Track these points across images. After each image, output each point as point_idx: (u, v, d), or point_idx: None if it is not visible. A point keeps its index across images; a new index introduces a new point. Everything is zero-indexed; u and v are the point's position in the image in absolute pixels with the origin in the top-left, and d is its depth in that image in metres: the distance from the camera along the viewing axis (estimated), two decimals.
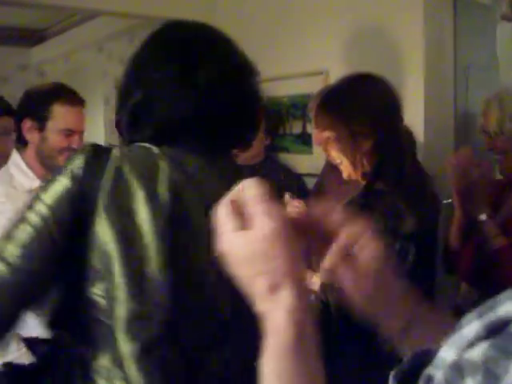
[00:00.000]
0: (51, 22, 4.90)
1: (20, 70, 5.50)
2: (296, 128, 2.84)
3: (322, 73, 2.61)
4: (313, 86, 2.59)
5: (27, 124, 2.00)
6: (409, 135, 1.76)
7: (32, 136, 2.02)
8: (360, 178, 1.73)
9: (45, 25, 5.10)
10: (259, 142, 2.77)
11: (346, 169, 1.73)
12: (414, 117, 2.28)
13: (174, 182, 0.99)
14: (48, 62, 5.24)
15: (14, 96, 2.06)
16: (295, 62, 2.83)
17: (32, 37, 5.48)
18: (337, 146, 1.71)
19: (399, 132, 1.70)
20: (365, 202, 1.61)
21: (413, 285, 1.64)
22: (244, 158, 2.75)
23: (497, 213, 1.96)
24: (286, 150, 2.93)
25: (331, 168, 2.14)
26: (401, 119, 1.73)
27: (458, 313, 1.90)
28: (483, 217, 1.89)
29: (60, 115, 2.02)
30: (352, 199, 1.67)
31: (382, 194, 1.63)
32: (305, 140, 2.82)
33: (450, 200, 2.22)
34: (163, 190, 0.97)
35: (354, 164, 1.70)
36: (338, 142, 1.70)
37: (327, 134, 1.72)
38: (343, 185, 1.88)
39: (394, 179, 1.64)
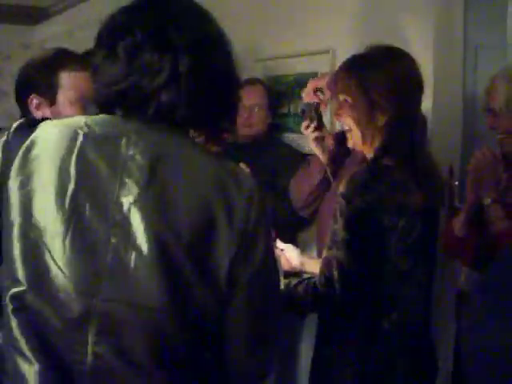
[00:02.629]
0: (54, 0, 4.86)
1: (23, 48, 5.47)
2: (300, 107, 2.81)
3: (328, 51, 2.58)
4: (319, 65, 2.57)
5: (34, 101, 1.79)
6: (423, 121, 1.74)
7: (44, 113, 1.79)
8: (367, 152, 1.72)
9: (48, 2, 5.06)
10: (262, 122, 2.76)
11: (355, 138, 1.73)
12: (422, 98, 2.25)
13: (86, 151, 1.03)
14: (51, 39, 5.20)
15: (15, 75, 1.96)
16: (301, 40, 2.82)
17: (35, 15, 5.44)
18: (351, 113, 1.71)
19: (416, 111, 1.71)
20: (370, 176, 1.60)
21: (417, 261, 1.65)
22: (246, 135, 2.75)
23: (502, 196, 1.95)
24: (290, 130, 2.91)
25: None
26: (420, 99, 1.72)
27: (463, 297, 1.90)
28: (488, 200, 1.88)
29: (70, 84, 1.80)
30: (356, 172, 1.66)
31: (390, 168, 1.62)
32: None
33: (456, 182, 2.21)
34: (72, 165, 1.03)
35: (363, 135, 1.70)
36: (353, 109, 1.70)
37: (344, 97, 1.71)
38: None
39: (403, 156, 1.62)
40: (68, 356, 1.04)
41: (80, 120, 1.09)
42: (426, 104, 2.30)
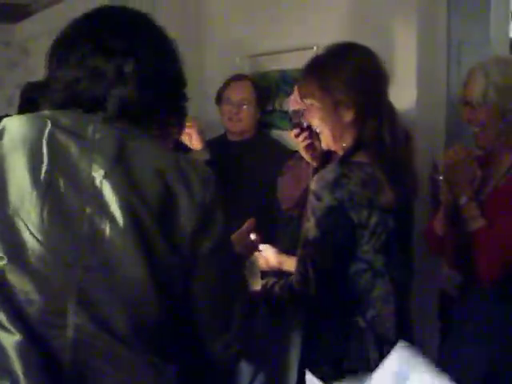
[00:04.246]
0: None
1: (3, 47, 5.43)
2: (286, 104, 2.83)
3: (313, 48, 2.59)
4: (304, 62, 2.57)
5: None
6: (391, 111, 1.74)
7: None
8: (340, 150, 1.74)
9: (29, 0, 5.01)
10: (250, 118, 2.78)
11: (326, 139, 1.77)
12: (406, 93, 2.29)
13: (55, 135, 1.12)
14: (32, 38, 5.17)
15: None
16: (285, 36, 2.84)
17: (16, 13, 5.40)
18: (319, 115, 1.75)
19: (382, 106, 1.72)
20: (340, 173, 1.62)
21: (390, 258, 1.67)
22: (235, 132, 2.76)
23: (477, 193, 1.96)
24: (276, 127, 2.93)
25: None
26: (384, 93, 1.74)
27: (444, 297, 1.93)
28: (464, 199, 1.89)
29: None
30: (326, 169, 1.69)
31: (361, 165, 1.64)
32: None
33: (441, 177, 2.23)
34: (44, 147, 1.12)
35: (334, 135, 1.73)
36: (320, 111, 1.74)
37: (310, 101, 1.74)
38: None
39: (374, 152, 1.64)
40: (49, 329, 1.10)
41: (46, 112, 1.19)
42: (410, 100, 2.34)
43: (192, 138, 2.57)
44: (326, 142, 1.77)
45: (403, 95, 2.21)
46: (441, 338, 2.19)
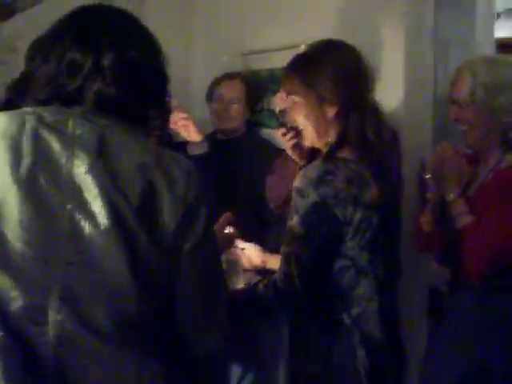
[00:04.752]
0: None
1: None
2: (274, 103, 2.83)
3: (301, 46, 2.59)
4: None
5: None
6: (376, 108, 1.75)
7: None
8: (324, 147, 1.74)
9: None
10: (240, 116, 2.77)
11: (309, 136, 1.77)
12: (393, 92, 2.30)
13: (36, 131, 1.12)
14: (20, 36, 5.14)
15: None
16: (274, 35, 2.85)
17: (2, 11, 5.36)
18: (302, 112, 1.75)
19: (365, 102, 1.72)
20: (324, 169, 1.62)
21: (374, 255, 1.67)
22: (224, 130, 2.76)
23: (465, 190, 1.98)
24: (265, 126, 2.94)
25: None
26: (368, 89, 1.75)
27: (433, 293, 1.94)
28: (451, 196, 1.91)
29: None
30: (310, 166, 1.70)
31: (347, 161, 1.64)
32: None
33: (428, 175, 2.25)
34: (24, 143, 1.11)
35: (318, 131, 1.74)
36: (303, 108, 1.75)
37: (293, 98, 1.75)
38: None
39: (357, 148, 1.64)
40: (30, 326, 1.10)
41: (26, 108, 1.19)
42: (397, 98, 2.35)
43: (189, 130, 2.55)
44: (310, 138, 1.78)
45: (390, 94, 2.22)
46: (429, 335, 2.21)
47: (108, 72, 1.16)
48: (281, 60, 2.78)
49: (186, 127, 2.54)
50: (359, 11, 2.49)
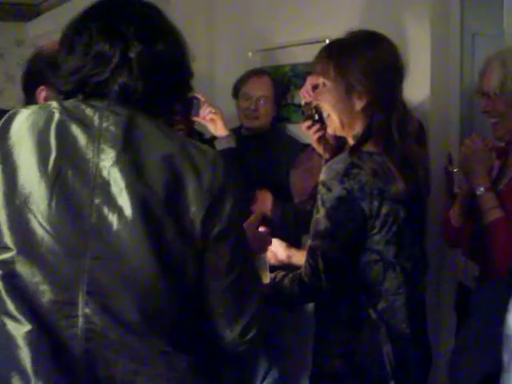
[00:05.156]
0: None
1: (16, 46, 5.46)
2: (298, 97, 2.83)
3: (324, 41, 2.58)
4: (315, 55, 2.56)
5: (43, 93, 1.80)
6: (403, 108, 1.72)
7: None
8: (350, 138, 1.72)
9: None
10: (268, 114, 2.77)
11: (333, 124, 1.75)
12: (420, 86, 2.28)
13: (63, 124, 1.13)
14: (44, 36, 5.20)
15: (9, 72, 1.93)
16: (297, 30, 2.85)
17: (28, 11, 5.44)
18: (329, 97, 1.72)
19: (393, 101, 1.69)
20: (351, 162, 1.61)
21: (401, 249, 1.65)
22: (252, 128, 2.76)
23: (495, 184, 1.95)
24: (288, 120, 2.93)
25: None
26: (399, 88, 1.72)
27: (461, 289, 1.90)
28: (481, 190, 1.88)
29: None
30: (336, 159, 1.68)
31: (371, 155, 1.64)
32: None
33: (456, 169, 2.22)
34: (52, 138, 1.12)
35: (342, 121, 1.72)
36: (331, 93, 1.71)
37: (323, 80, 1.73)
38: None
39: (384, 143, 1.63)
40: (60, 320, 1.10)
41: (52, 102, 1.19)
42: (424, 92, 2.33)
43: (217, 126, 2.56)
44: (333, 127, 1.75)
45: (417, 88, 2.20)
46: (457, 331, 2.18)
47: (135, 64, 1.15)
48: (304, 55, 2.79)
49: (213, 121, 2.54)
50: (384, 5, 2.48)
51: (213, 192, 1.14)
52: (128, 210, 1.08)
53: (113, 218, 1.09)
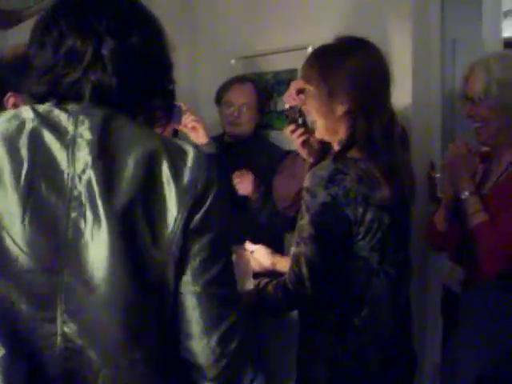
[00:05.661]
0: (27, 3, 4.81)
1: None
2: (281, 104, 2.83)
3: (307, 48, 2.59)
4: (297, 62, 2.57)
5: (11, 100, 1.75)
6: (389, 114, 1.72)
7: None
8: (334, 144, 1.73)
9: (20, 6, 5.01)
10: (251, 121, 2.76)
11: (319, 129, 1.76)
12: (402, 92, 2.29)
13: (35, 132, 1.07)
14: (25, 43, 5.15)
15: None
16: (279, 37, 2.85)
17: (8, 19, 5.38)
18: (313, 103, 1.73)
19: (378, 104, 1.68)
20: (335, 168, 1.61)
21: (385, 256, 1.65)
22: (234, 135, 2.75)
23: (480, 188, 1.96)
24: (271, 127, 2.92)
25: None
26: (383, 95, 1.71)
27: (447, 293, 1.91)
28: (466, 194, 1.89)
29: None
30: (320, 165, 1.67)
31: (356, 161, 1.63)
32: None
33: (438, 175, 2.24)
34: (24, 147, 1.06)
35: (327, 126, 1.72)
36: (314, 98, 1.72)
37: (308, 86, 1.74)
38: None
39: (368, 149, 1.63)
40: (37, 339, 1.06)
41: (24, 108, 1.13)
42: (406, 97, 2.34)
43: (199, 134, 2.55)
44: (320, 132, 1.75)
45: (399, 93, 2.20)
46: (443, 335, 2.19)
47: (108, 61, 1.08)
48: (287, 62, 2.79)
49: (195, 130, 2.54)
50: (366, 12, 2.48)
51: (196, 191, 1.08)
52: (105, 223, 1.03)
53: (90, 233, 1.04)
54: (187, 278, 1.10)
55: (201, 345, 1.11)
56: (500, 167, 1.98)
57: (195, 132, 2.54)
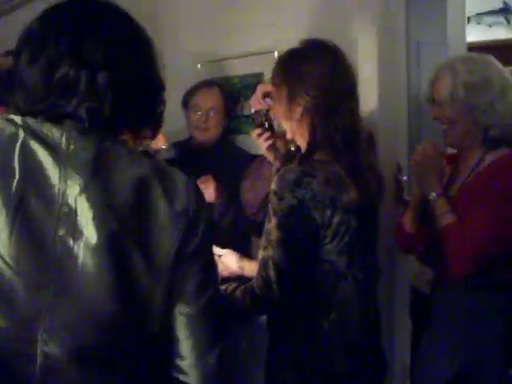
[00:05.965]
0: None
1: None
2: (248, 109, 2.81)
3: (272, 52, 2.58)
4: (264, 66, 2.56)
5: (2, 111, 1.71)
6: (352, 118, 1.71)
7: None
8: (302, 147, 1.74)
9: None
10: (218, 126, 2.75)
11: (288, 132, 1.76)
12: (368, 95, 2.29)
13: (28, 146, 1.04)
14: None
15: None
16: (245, 41, 2.84)
17: None
18: (276, 105, 1.75)
19: (337, 107, 1.66)
20: (301, 171, 1.60)
21: (353, 259, 1.65)
22: (201, 140, 2.73)
23: (447, 189, 1.98)
24: (239, 131, 2.90)
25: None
26: (345, 95, 1.69)
27: (415, 295, 1.92)
28: (433, 195, 1.91)
29: None
30: (287, 168, 1.67)
31: (324, 163, 1.63)
32: None
33: (404, 177, 2.25)
34: (15, 160, 1.03)
35: (292, 129, 1.73)
36: (276, 100, 1.74)
37: (273, 89, 1.75)
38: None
39: (335, 151, 1.63)
40: (17, 358, 1.03)
41: (17, 119, 1.09)
42: (372, 100, 2.35)
43: (158, 139, 2.52)
44: (288, 135, 1.76)
45: (364, 96, 2.20)
46: (412, 336, 2.19)
47: (103, 90, 1.07)
48: (253, 66, 2.78)
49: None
50: (331, 15, 2.49)
51: (188, 216, 1.09)
52: (94, 243, 1.01)
53: (78, 251, 1.01)
54: (180, 300, 1.11)
55: (192, 365, 1.13)
56: (467, 169, 2.00)
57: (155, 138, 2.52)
